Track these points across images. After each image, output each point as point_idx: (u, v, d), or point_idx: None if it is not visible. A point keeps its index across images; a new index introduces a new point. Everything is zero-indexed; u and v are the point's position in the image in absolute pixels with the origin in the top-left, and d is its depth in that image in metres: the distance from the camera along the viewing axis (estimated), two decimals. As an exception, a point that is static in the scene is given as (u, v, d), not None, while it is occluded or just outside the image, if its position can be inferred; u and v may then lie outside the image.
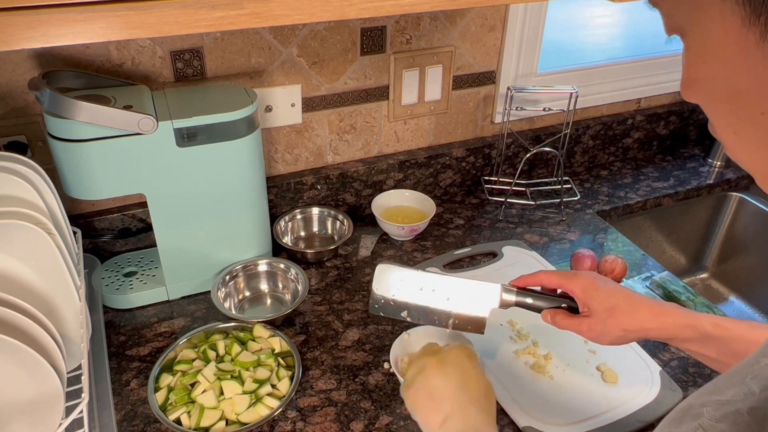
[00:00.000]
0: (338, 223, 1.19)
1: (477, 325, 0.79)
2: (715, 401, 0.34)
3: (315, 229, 1.21)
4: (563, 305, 0.77)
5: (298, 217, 1.19)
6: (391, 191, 1.24)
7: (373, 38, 1.14)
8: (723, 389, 0.34)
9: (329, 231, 1.20)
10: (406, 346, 0.87)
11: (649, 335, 0.71)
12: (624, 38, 1.65)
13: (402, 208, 1.23)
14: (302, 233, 1.20)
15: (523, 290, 0.79)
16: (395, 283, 0.81)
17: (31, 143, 0.98)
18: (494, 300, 0.79)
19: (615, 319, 0.71)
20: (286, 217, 1.18)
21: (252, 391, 0.83)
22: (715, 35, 0.35)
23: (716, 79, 0.37)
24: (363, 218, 1.25)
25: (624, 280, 1.08)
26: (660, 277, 1.09)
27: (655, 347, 0.94)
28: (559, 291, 0.78)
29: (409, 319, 0.80)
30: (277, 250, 1.13)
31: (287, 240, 1.16)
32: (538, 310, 0.78)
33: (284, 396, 0.83)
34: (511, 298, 0.78)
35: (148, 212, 0.96)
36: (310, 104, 1.15)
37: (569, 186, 1.34)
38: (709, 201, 1.46)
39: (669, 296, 1.05)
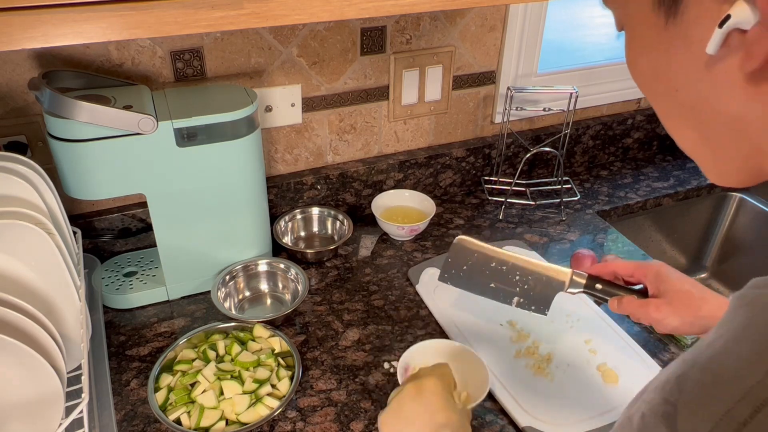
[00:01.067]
0: (338, 223, 1.19)
1: (540, 306, 0.82)
2: (658, 380, 0.37)
3: (315, 229, 1.21)
4: (633, 294, 0.77)
5: (298, 217, 1.19)
6: (391, 191, 1.24)
7: (373, 38, 1.14)
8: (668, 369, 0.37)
9: (329, 231, 1.20)
10: (421, 356, 0.85)
11: (712, 325, 0.72)
12: (624, 38, 1.65)
13: (402, 208, 1.23)
14: (302, 233, 1.20)
15: (593, 278, 0.80)
16: (469, 257, 0.84)
17: (31, 143, 0.98)
18: (562, 284, 0.81)
19: (686, 304, 0.71)
20: (286, 217, 1.18)
21: (252, 391, 0.83)
22: (636, 21, 0.39)
23: (640, 61, 0.41)
24: (363, 218, 1.25)
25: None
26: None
27: (655, 347, 0.94)
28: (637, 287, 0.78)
29: (475, 293, 0.83)
30: (277, 250, 1.13)
31: (287, 240, 1.16)
32: (606, 297, 0.78)
33: (284, 396, 0.83)
34: (581, 281, 0.79)
35: (147, 212, 0.96)
36: (310, 104, 1.15)
37: (569, 186, 1.34)
38: (709, 201, 1.46)
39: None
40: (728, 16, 0.32)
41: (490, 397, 0.86)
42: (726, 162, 0.40)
